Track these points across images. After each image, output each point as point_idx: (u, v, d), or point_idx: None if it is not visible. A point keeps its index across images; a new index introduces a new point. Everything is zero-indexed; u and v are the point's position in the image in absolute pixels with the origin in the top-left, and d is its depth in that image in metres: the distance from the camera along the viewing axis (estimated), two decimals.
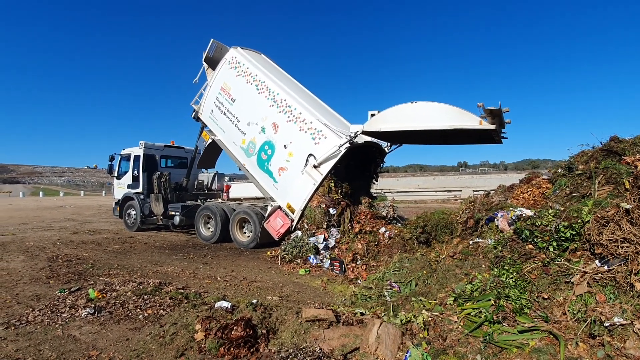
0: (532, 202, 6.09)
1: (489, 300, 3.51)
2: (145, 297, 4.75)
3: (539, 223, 4.01)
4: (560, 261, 3.67)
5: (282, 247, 7.37)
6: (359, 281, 5.56)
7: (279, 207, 8.01)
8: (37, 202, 33.05)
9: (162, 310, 4.35)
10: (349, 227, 7.07)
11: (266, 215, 8.25)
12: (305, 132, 7.82)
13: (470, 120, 5.79)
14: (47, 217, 17.63)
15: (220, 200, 11.80)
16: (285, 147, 8.10)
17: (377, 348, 3.18)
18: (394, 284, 4.54)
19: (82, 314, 4.25)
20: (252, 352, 3.36)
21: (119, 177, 12.66)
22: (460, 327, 3.40)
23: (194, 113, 10.52)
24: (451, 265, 4.54)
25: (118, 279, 5.68)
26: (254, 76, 8.97)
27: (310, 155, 7.61)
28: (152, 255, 8.07)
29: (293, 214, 7.73)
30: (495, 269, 3.89)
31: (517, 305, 3.43)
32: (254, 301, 4.56)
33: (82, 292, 5.06)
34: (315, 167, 7.49)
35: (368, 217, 7.25)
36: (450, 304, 3.80)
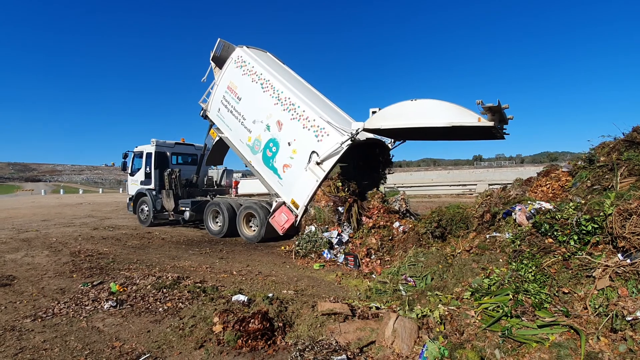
0: (551, 195, 5.96)
1: (508, 294, 3.46)
2: (165, 290, 4.86)
3: (559, 216, 3.92)
4: (582, 255, 3.59)
5: (296, 242, 7.43)
6: (373, 275, 5.56)
7: (284, 203, 8.17)
8: (58, 199, 34.11)
9: (180, 304, 4.45)
10: (357, 223, 7.14)
11: (271, 210, 8.43)
12: (309, 129, 7.95)
13: (469, 118, 5.83)
14: (68, 213, 18.18)
15: (228, 196, 12.02)
16: (289, 144, 8.26)
17: (394, 342, 3.19)
18: (409, 279, 4.52)
19: (104, 306, 4.39)
20: (269, 345, 3.41)
21: (132, 174, 13.01)
22: (477, 321, 3.37)
23: (202, 111, 10.77)
24: (468, 260, 4.49)
25: (138, 273, 5.83)
26: (259, 75, 9.12)
27: (313, 152, 7.76)
28: (170, 250, 8.25)
29: (297, 209, 7.88)
30: (514, 263, 3.83)
31: (537, 300, 3.38)
32: (270, 295, 4.63)
33: (104, 285, 5.22)
34: (318, 163, 7.63)
35: (381, 211, 7.22)
36: (467, 298, 3.76)
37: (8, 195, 45.29)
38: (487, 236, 5.08)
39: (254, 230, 9.10)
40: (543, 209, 4.44)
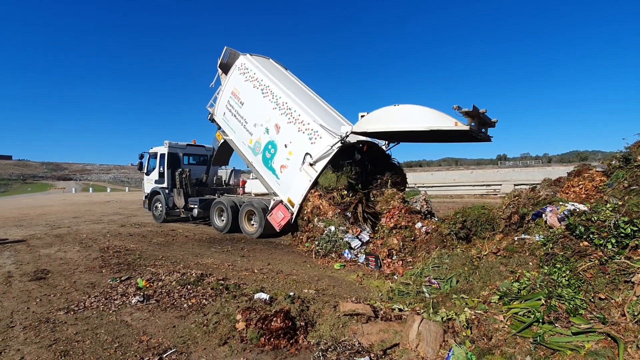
0: (584, 196, 5.69)
1: (539, 299, 3.32)
2: (189, 287, 4.96)
3: (596, 218, 3.73)
4: (620, 259, 3.39)
5: (316, 242, 7.42)
6: (395, 277, 5.47)
7: (281, 201, 8.68)
8: (87, 197, 35.59)
9: (204, 300, 4.53)
10: (363, 220, 7.26)
11: (269, 208, 9.00)
12: (303, 132, 8.42)
13: (446, 122, 6.11)
14: (97, 211, 18.92)
15: (235, 194, 12.50)
16: (285, 146, 8.74)
17: (418, 345, 3.12)
18: (433, 281, 4.41)
19: (132, 301, 4.52)
20: (291, 344, 3.41)
21: (147, 173, 13.70)
22: (506, 326, 3.24)
23: (209, 115, 11.43)
24: (495, 262, 4.34)
25: (163, 270, 5.98)
26: (259, 81, 9.68)
27: (307, 154, 8.22)
28: (193, 247, 8.43)
29: (293, 207, 8.35)
30: (546, 267, 3.67)
31: (571, 306, 3.22)
32: (291, 294, 4.63)
33: (132, 281, 5.38)
34: (311, 164, 8.10)
35: (402, 211, 7.09)
36: (495, 302, 3.63)
37: (42, 193, 47.67)
38: (516, 238, 4.90)
39: (254, 227, 9.68)
40: (577, 210, 4.23)
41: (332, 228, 7.50)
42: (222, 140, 11.06)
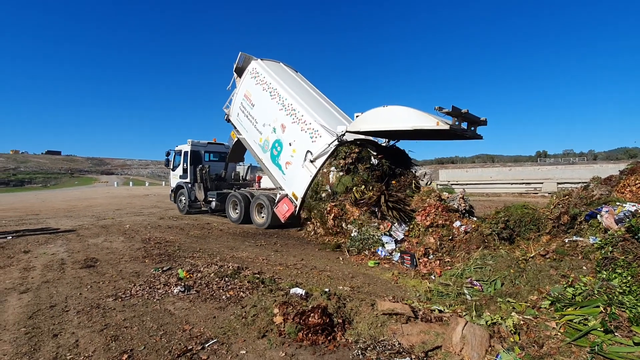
0: None
1: (597, 306, 3.08)
2: (226, 279, 5.08)
3: None
4: None
5: (349, 239, 7.37)
6: (432, 277, 5.30)
7: (286, 195, 9.40)
8: (128, 191, 37.62)
9: (242, 293, 4.61)
10: (388, 210, 7.30)
11: (276, 201, 9.77)
12: (305, 131, 9.04)
13: (429, 122, 6.52)
14: (137, 204, 19.93)
15: (252, 189, 13.02)
16: (290, 144, 9.43)
17: (462, 349, 2.99)
18: (475, 282, 4.23)
19: (174, 291, 4.69)
20: (329, 340, 3.39)
21: (173, 169, 14.87)
22: (560, 334, 3.04)
23: (226, 116, 12.28)
24: (544, 266, 4.09)
25: (201, 262, 6.17)
26: (268, 84, 10.42)
27: (308, 151, 8.83)
28: (228, 241, 8.64)
29: (296, 200, 9.03)
30: (604, 272, 3.40)
31: (633, 314, 2.96)
32: (327, 290, 4.62)
33: (172, 271, 5.60)
34: (311, 161, 8.69)
35: (439, 209, 6.86)
36: (545, 307, 3.43)
37: (87, 187, 50.94)
38: (566, 240, 4.60)
39: (264, 218, 10.50)
40: (639, 211, 3.89)
41: (363, 226, 7.43)
42: (236, 139, 11.99)
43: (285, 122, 9.60)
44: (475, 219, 7.13)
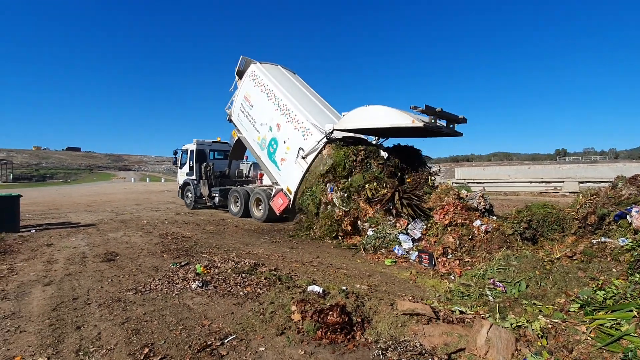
0: None
1: (630, 310, 2.94)
2: (243, 275, 5.09)
3: None
4: None
5: (365, 238, 7.29)
6: (452, 277, 5.19)
7: (281, 190, 10.04)
8: (145, 186, 38.39)
9: (259, 289, 4.61)
10: (403, 207, 7.34)
11: (272, 195, 10.47)
12: (298, 130, 9.61)
13: (405, 119, 6.96)
14: (154, 199, 20.30)
15: (252, 185, 13.54)
16: (284, 142, 10.01)
17: (488, 352, 2.90)
18: (498, 283, 4.11)
19: (192, 286, 4.73)
20: (348, 339, 3.34)
21: (180, 167, 15.66)
22: (590, 339, 2.92)
23: (228, 116, 12.95)
24: (571, 267, 3.94)
25: (218, 257, 6.21)
26: (265, 86, 11.07)
27: (300, 148, 9.41)
28: (243, 237, 8.69)
29: (290, 194, 9.62)
30: (637, 275, 3.24)
31: None
32: (344, 288, 4.58)
33: (190, 266, 5.65)
34: (303, 157, 9.23)
35: (458, 208, 6.71)
36: (574, 311, 3.30)
37: (106, 182, 52.21)
38: (594, 241, 4.42)
39: (261, 212, 11.18)
40: None
41: (379, 225, 7.34)
42: (237, 138, 12.68)
43: (280, 121, 10.21)
44: (495, 218, 6.96)
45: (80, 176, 64.57)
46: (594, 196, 5.12)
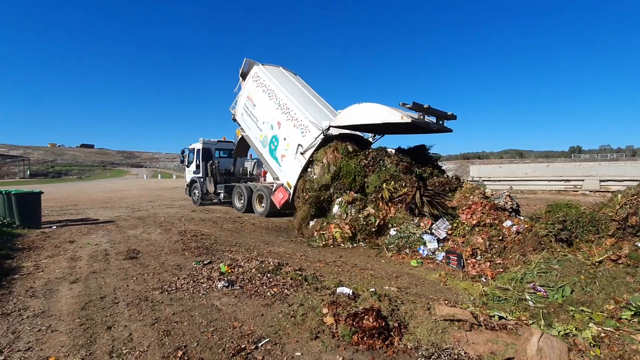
0: None
1: None
2: (268, 275, 5.00)
3: None
4: None
5: (387, 237, 7.15)
6: (483, 279, 5.02)
7: (282, 184, 10.49)
8: (157, 183, 38.76)
9: (286, 290, 4.51)
10: (424, 205, 7.22)
11: (273, 190, 10.98)
12: (297, 127, 10.07)
13: (394, 116, 7.28)
14: (168, 196, 20.43)
15: (258, 183, 14.07)
16: (284, 139, 10.49)
17: None
18: (539, 288, 3.93)
19: (218, 285, 4.65)
20: (387, 345, 3.22)
21: (188, 166, 16.13)
22: None
23: (232, 116, 13.49)
24: (617, 272, 3.74)
25: (240, 256, 6.14)
26: (267, 86, 11.59)
27: (299, 145, 9.81)
28: (262, 235, 8.62)
29: (290, 189, 10.03)
30: None
31: None
32: (373, 289, 4.45)
33: (213, 265, 5.58)
34: (302, 153, 9.63)
35: (486, 208, 6.51)
36: (627, 318, 3.11)
37: (119, 179, 52.98)
38: (638, 244, 4.20)
39: (264, 207, 11.78)
40: None
41: (402, 224, 7.18)
42: (241, 136, 13.17)
43: (280, 119, 10.70)
44: (522, 218, 6.74)
45: (94, 173, 65.61)
46: (635, 196, 4.88)
